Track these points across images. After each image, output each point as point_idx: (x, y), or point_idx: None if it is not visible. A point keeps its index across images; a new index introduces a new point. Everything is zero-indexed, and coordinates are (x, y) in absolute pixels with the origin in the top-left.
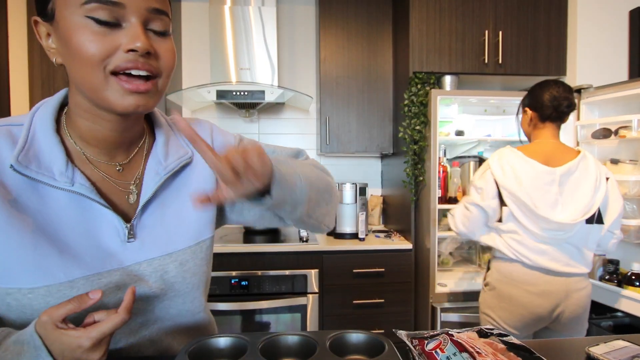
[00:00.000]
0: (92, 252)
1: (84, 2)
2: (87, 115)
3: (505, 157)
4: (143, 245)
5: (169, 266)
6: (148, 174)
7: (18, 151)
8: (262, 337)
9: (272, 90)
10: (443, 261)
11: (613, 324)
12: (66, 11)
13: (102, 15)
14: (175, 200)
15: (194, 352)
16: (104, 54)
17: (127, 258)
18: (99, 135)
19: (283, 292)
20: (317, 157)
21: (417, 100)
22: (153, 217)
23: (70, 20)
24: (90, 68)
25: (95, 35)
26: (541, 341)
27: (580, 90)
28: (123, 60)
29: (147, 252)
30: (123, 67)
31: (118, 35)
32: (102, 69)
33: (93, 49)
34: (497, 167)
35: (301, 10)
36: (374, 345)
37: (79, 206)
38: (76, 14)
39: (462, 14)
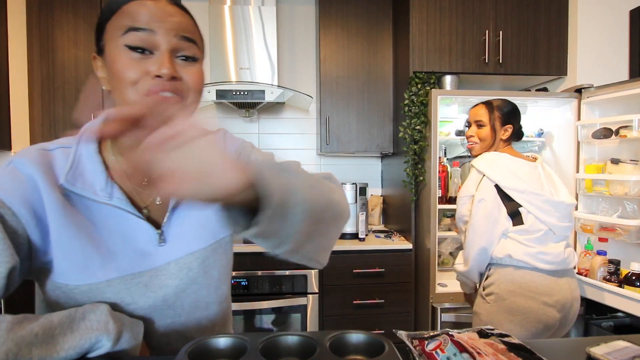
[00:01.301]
0: (129, 255)
1: (123, 33)
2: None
3: (496, 161)
4: (171, 247)
5: (193, 264)
6: None
7: (66, 172)
8: (262, 337)
9: (272, 90)
10: (443, 261)
11: (614, 324)
12: (112, 44)
13: (137, 42)
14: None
15: (193, 352)
16: (136, 78)
17: (158, 260)
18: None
19: (283, 292)
20: (317, 157)
21: (417, 100)
22: (179, 221)
23: (113, 51)
24: (126, 90)
25: (131, 62)
26: (541, 341)
27: (580, 90)
28: (151, 85)
29: (174, 253)
30: (152, 90)
31: (149, 62)
32: (135, 90)
33: (128, 73)
34: (493, 172)
35: (301, 10)
36: (374, 345)
37: (118, 216)
38: (117, 45)
39: (462, 13)
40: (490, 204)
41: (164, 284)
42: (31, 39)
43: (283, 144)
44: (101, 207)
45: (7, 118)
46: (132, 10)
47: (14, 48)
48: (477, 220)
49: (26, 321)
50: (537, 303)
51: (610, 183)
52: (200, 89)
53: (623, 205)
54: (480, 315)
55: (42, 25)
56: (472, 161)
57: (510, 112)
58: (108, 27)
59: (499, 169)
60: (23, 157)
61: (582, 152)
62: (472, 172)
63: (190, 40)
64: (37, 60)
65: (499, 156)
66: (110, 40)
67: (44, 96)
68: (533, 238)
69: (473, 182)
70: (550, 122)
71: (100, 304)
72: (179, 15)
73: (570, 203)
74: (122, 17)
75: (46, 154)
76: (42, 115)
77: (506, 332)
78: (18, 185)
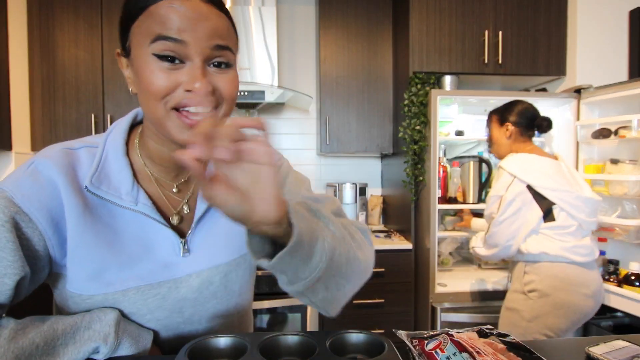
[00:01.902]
0: (149, 265)
1: (152, 41)
2: (155, 138)
3: (525, 162)
4: (195, 259)
5: (214, 277)
6: (201, 198)
7: (92, 174)
8: (262, 337)
9: (272, 90)
10: (443, 261)
11: (613, 324)
12: (139, 50)
13: (167, 52)
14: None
15: (193, 352)
16: (166, 90)
17: (180, 271)
18: (164, 156)
19: (283, 292)
20: (317, 157)
21: (417, 100)
22: (204, 232)
23: (142, 57)
24: (153, 101)
25: (161, 72)
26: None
27: (580, 90)
28: (182, 98)
29: (197, 264)
30: (183, 104)
31: (181, 73)
32: (163, 104)
33: (157, 84)
34: (525, 173)
35: (301, 10)
36: (374, 345)
37: (141, 222)
38: (146, 52)
39: (462, 14)
40: (520, 204)
41: (182, 297)
42: (32, 39)
43: (283, 144)
44: (125, 212)
45: (7, 118)
46: (161, 13)
47: (15, 48)
48: (505, 219)
49: (30, 327)
50: (578, 295)
51: (609, 183)
52: (234, 97)
53: (622, 205)
54: (522, 312)
55: (42, 26)
56: (501, 162)
57: (505, 110)
58: (134, 30)
59: (529, 170)
60: (45, 158)
61: (582, 152)
62: (503, 174)
63: (224, 48)
64: (37, 60)
65: (527, 157)
66: (137, 46)
67: (44, 96)
68: (566, 233)
69: (503, 184)
70: None
71: (109, 311)
72: (213, 17)
73: (598, 199)
74: (150, 20)
75: (70, 153)
76: (42, 115)
77: (551, 325)
78: (38, 190)
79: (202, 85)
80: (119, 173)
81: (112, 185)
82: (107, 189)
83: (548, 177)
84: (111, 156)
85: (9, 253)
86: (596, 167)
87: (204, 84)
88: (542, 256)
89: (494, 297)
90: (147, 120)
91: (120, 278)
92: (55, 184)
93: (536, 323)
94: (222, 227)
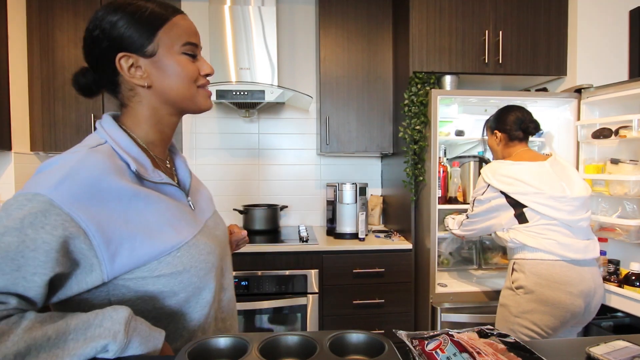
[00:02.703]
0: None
1: (183, 44)
2: (159, 122)
3: (498, 169)
4: (199, 212)
5: (216, 221)
6: (180, 169)
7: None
8: (262, 337)
9: (272, 90)
10: (443, 261)
11: (613, 324)
12: (171, 50)
13: (191, 51)
14: (195, 187)
15: (194, 352)
16: (195, 74)
17: (199, 219)
18: (163, 137)
19: (283, 292)
20: (317, 157)
21: (417, 100)
22: (192, 196)
23: (173, 55)
24: (188, 83)
25: (190, 63)
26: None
27: (580, 90)
28: (203, 82)
29: (204, 214)
30: (204, 84)
31: (197, 64)
32: (194, 84)
33: (190, 71)
34: (497, 180)
35: (301, 10)
36: (374, 345)
37: (166, 189)
38: (178, 52)
39: (462, 13)
40: (493, 206)
41: (213, 235)
42: (31, 39)
43: (283, 144)
44: (155, 186)
45: (7, 118)
46: (183, 25)
47: (14, 48)
48: (477, 216)
49: (48, 321)
50: (563, 294)
51: (609, 183)
52: None
53: (623, 205)
54: (510, 307)
55: (42, 26)
56: (482, 169)
57: (493, 119)
58: (162, 35)
59: (501, 178)
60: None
61: (582, 152)
62: (480, 179)
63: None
64: (37, 61)
65: (500, 165)
66: (169, 47)
67: (44, 96)
68: (550, 230)
69: (480, 189)
70: (549, 123)
71: (121, 310)
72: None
73: (578, 196)
74: (176, 29)
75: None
76: (42, 115)
77: (537, 321)
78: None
79: (212, 70)
80: (144, 161)
81: (141, 168)
82: (142, 172)
83: (518, 182)
84: (127, 147)
85: (42, 254)
86: (596, 167)
87: (212, 69)
88: (528, 252)
89: (494, 297)
90: (162, 105)
91: (185, 229)
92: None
93: (523, 319)
94: (196, 192)
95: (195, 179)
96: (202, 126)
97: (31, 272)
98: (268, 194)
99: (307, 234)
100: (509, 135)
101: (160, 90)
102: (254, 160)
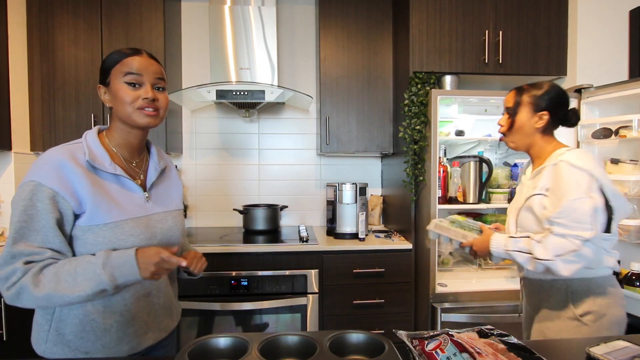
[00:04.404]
0: (132, 207)
1: (124, 75)
2: (122, 132)
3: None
4: (154, 205)
5: (168, 217)
6: (150, 169)
7: (87, 154)
8: (262, 337)
9: (272, 90)
10: (443, 261)
11: None
12: (116, 80)
13: (132, 80)
14: (164, 185)
15: (194, 352)
16: (133, 99)
17: (148, 210)
18: (128, 143)
19: (283, 292)
20: (317, 157)
21: (417, 100)
22: (154, 191)
23: (118, 85)
24: (127, 106)
25: (130, 91)
26: (541, 341)
27: (580, 90)
28: (141, 104)
29: (156, 208)
30: (143, 106)
31: (140, 91)
32: (132, 107)
33: (127, 97)
34: (603, 174)
35: (301, 10)
36: (374, 345)
37: (121, 182)
38: (120, 81)
39: (462, 13)
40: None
41: (153, 226)
42: (31, 40)
43: (283, 144)
44: (109, 176)
45: (7, 118)
46: (129, 62)
47: (14, 48)
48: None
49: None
50: (623, 307)
51: None
52: (167, 106)
53: None
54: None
55: (42, 26)
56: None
57: (546, 96)
58: (114, 72)
59: (601, 170)
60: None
61: None
62: (579, 173)
63: (162, 79)
64: (37, 61)
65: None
66: (115, 78)
67: (44, 96)
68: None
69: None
70: None
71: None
72: (155, 64)
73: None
74: (122, 66)
75: (70, 148)
76: (42, 115)
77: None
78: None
79: (152, 96)
80: (100, 155)
81: (99, 161)
82: (98, 163)
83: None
84: (93, 146)
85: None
86: None
87: (153, 95)
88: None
89: (494, 297)
90: (119, 121)
91: (118, 213)
92: (67, 166)
93: None
94: (164, 191)
95: (171, 183)
96: (202, 126)
97: (44, 222)
98: (268, 194)
99: (307, 234)
100: (555, 123)
101: (115, 110)
102: (254, 160)
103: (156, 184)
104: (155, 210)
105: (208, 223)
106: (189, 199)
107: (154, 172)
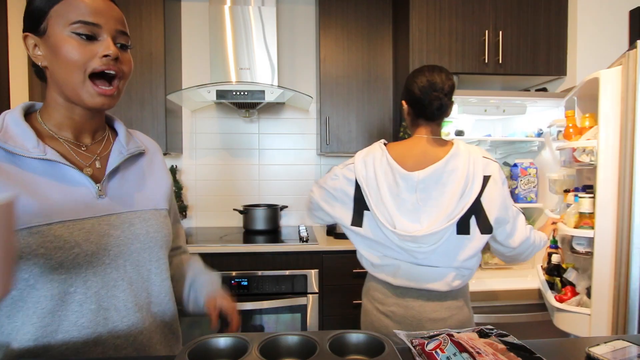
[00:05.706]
0: (71, 204)
1: (72, 23)
2: (62, 109)
3: (372, 154)
4: (112, 203)
5: (135, 220)
6: (113, 153)
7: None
8: (262, 337)
9: (272, 90)
10: None
11: None
12: (57, 28)
13: (84, 31)
14: (135, 176)
15: (194, 352)
16: (85, 59)
17: (100, 210)
18: (71, 123)
19: (283, 292)
20: (317, 157)
21: None
22: (116, 183)
23: (60, 35)
24: (73, 70)
25: (79, 46)
26: (541, 341)
27: None
28: (99, 64)
29: (116, 208)
30: (99, 68)
31: (95, 46)
32: (82, 71)
33: (77, 55)
34: (362, 165)
35: (301, 10)
36: (374, 345)
37: (55, 171)
38: (65, 31)
39: (462, 14)
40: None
41: (105, 233)
42: None
43: (283, 144)
44: (36, 164)
45: None
46: (78, 3)
47: (14, 48)
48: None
49: None
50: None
51: None
52: (130, 72)
53: None
54: None
55: None
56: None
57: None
58: (52, 14)
59: (367, 164)
60: None
61: None
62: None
63: (124, 33)
64: None
65: (377, 151)
66: (55, 25)
67: (43, 95)
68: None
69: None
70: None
71: None
72: (116, 10)
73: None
74: (69, 8)
75: None
76: None
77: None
78: None
79: (115, 51)
80: (22, 134)
81: (18, 143)
82: (14, 145)
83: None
84: (12, 124)
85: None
86: None
87: (116, 51)
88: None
89: (495, 297)
90: (57, 91)
91: (43, 214)
92: None
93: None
94: (135, 184)
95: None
96: (202, 126)
97: None
98: (268, 194)
99: (307, 233)
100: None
101: (54, 73)
102: (254, 160)
103: (120, 175)
104: (113, 210)
105: (208, 223)
106: (189, 199)
107: (116, 158)
